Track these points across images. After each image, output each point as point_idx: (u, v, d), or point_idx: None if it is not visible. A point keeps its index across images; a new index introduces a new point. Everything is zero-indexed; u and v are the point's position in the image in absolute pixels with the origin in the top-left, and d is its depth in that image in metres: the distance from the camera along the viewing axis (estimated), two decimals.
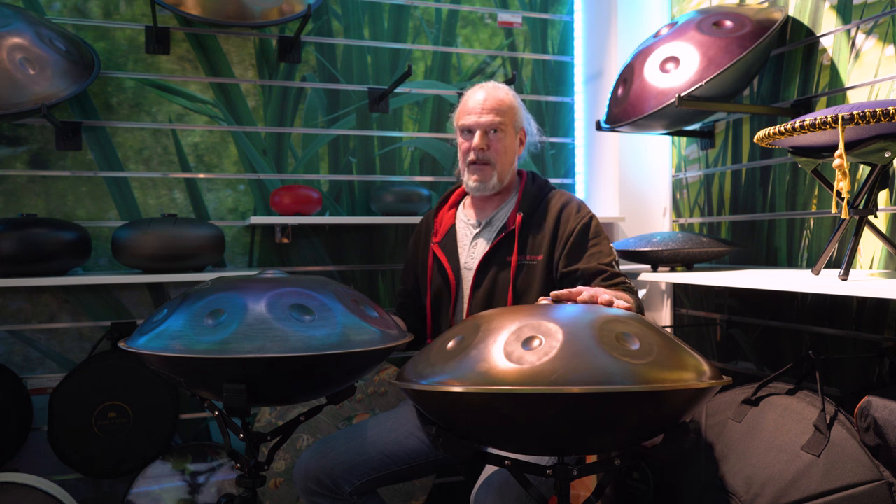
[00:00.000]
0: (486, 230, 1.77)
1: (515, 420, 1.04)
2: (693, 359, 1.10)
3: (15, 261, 1.82)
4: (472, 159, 1.72)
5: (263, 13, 2.13)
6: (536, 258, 1.69)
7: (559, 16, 2.66)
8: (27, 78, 1.84)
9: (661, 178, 2.49)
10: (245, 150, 2.30)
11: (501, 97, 1.73)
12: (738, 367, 2.15)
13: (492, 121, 1.70)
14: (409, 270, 1.91)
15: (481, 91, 1.74)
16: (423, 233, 1.89)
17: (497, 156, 1.71)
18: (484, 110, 1.71)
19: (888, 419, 1.37)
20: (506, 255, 1.70)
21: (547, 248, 1.69)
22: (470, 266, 1.75)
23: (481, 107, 1.71)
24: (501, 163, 1.72)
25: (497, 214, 1.78)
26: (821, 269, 1.52)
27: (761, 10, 1.91)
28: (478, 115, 1.71)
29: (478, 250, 1.75)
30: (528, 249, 1.70)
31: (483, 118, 1.70)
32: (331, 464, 1.59)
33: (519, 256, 1.69)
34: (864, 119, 1.24)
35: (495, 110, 1.71)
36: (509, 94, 1.76)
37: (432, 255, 1.81)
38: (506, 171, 1.74)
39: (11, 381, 2.00)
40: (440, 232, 1.83)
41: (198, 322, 1.22)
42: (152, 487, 2.06)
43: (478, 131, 1.71)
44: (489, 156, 1.71)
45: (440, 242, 1.81)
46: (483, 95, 1.73)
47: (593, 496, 1.19)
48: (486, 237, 1.76)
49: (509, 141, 1.73)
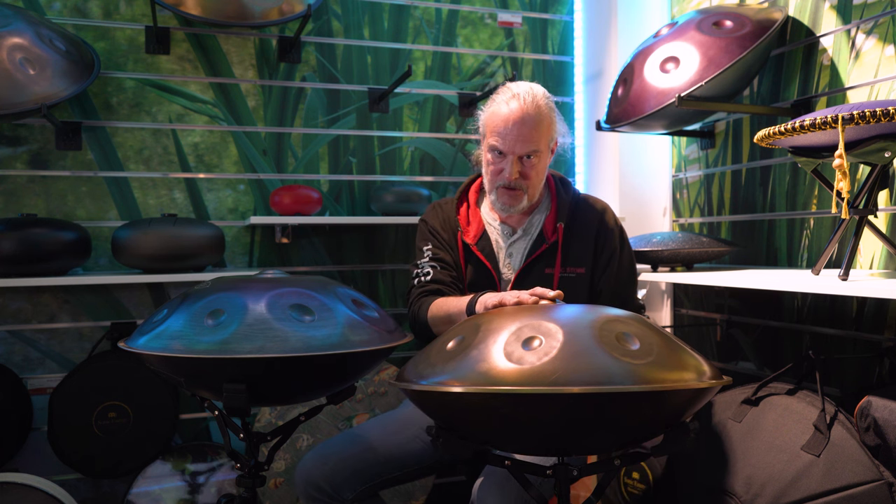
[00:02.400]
0: (521, 239, 1.69)
1: (515, 420, 1.04)
2: (693, 359, 1.10)
3: (15, 261, 1.82)
4: (502, 184, 1.62)
5: (263, 13, 2.13)
6: (578, 270, 1.65)
7: (559, 16, 2.66)
8: (27, 78, 1.84)
9: (661, 178, 2.49)
10: (245, 150, 2.30)
11: (539, 119, 1.58)
12: (738, 367, 2.15)
13: (528, 150, 1.58)
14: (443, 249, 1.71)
15: (517, 106, 1.57)
16: (450, 226, 1.73)
17: (530, 182, 1.62)
18: (520, 138, 1.57)
19: (888, 419, 1.37)
20: (545, 266, 1.65)
21: (591, 260, 1.66)
22: (507, 277, 1.68)
23: (518, 132, 1.56)
24: (534, 186, 1.64)
25: (531, 222, 1.70)
26: (821, 269, 1.52)
27: (761, 10, 1.91)
28: (513, 141, 1.57)
29: (515, 260, 1.68)
30: (570, 261, 1.65)
31: (518, 147, 1.57)
32: (332, 471, 1.56)
33: (562, 269, 1.65)
34: (864, 119, 1.24)
35: (532, 138, 1.57)
36: (545, 106, 1.60)
37: (465, 253, 1.70)
38: (536, 192, 1.66)
39: (11, 381, 2.00)
40: (472, 233, 1.70)
41: (198, 322, 1.22)
42: (152, 487, 2.06)
43: (510, 157, 1.59)
44: (522, 184, 1.62)
45: (477, 244, 1.70)
46: (520, 115, 1.56)
47: (593, 496, 1.19)
48: (521, 246, 1.69)
49: (543, 163, 1.63)
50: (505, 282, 1.68)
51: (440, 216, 1.76)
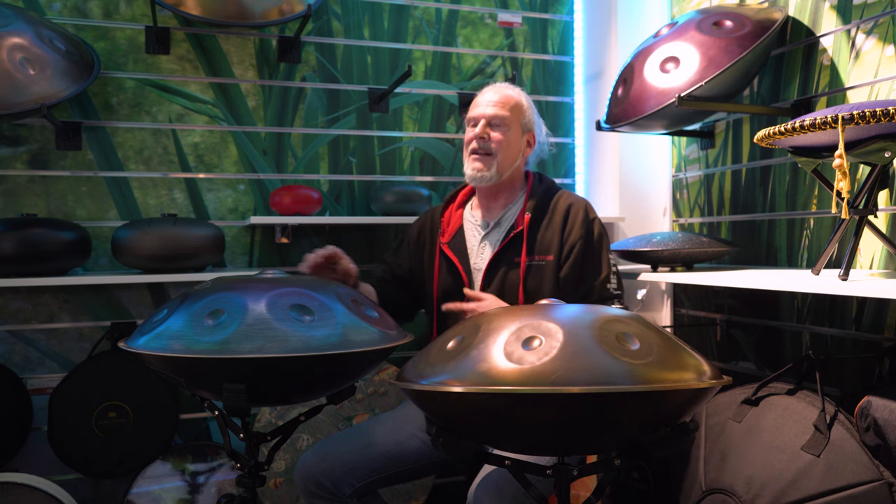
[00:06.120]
0: (494, 231, 1.77)
1: (516, 420, 1.04)
2: (693, 359, 1.10)
3: (15, 261, 1.81)
4: (473, 147, 1.74)
5: (263, 13, 2.13)
6: (546, 258, 1.70)
7: (559, 16, 2.66)
8: (27, 78, 1.84)
9: (661, 178, 2.49)
10: (245, 150, 2.30)
11: (510, 94, 1.77)
12: (738, 367, 2.15)
13: (496, 113, 1.74)
14: (406, 254, 1.90)
15: (490, 89, 1.80)
16: (428, 230, 1.88)
17: (498, 147, 1.73)
18: (490, 103, 1.75)
19: (888, 419, 1.37)
20: (514, 255, 1.71)
21: (556, 247, 1.70)
22: (479, 267, 1.75)
23: (488, 98, 1.77)
24: (503, 155, 1.73)
25: (505, 215, 1.78)
26: (821, 269, 1.52)
27: (761, 10, 1.91)
28: (483, 108, 1.75)
29: (487, 251, 1.76)
30: (536, 249, 1.71)
31: (488, 110, 1.74)
32: (331, 466, 1.59)
33: (528, 257, 1.70)
34: (864, 119, 1.24)
35: (501, 104, 1.75)
36: (521, 94, 1.80)
37: (440, 254, 1.81)
38: (506, 165, 1.74)
39: (11, 381, 2.00)
40: (448, 232, 1.83)
41: (198, 322, 1.22)
42: (152, 487, 2.06)
43: (481, 121, 1.74)
44: (490, 146, 1.73)
45: (449, 243, 1.81)
46: (492, 91, 1.78)
47: (593, 496, 1.19)
48: (494, 238, 1.77)
49: (513, 136, 1.75)
50: (476, 272, 1.76)
51: (426, 221, 1.90)
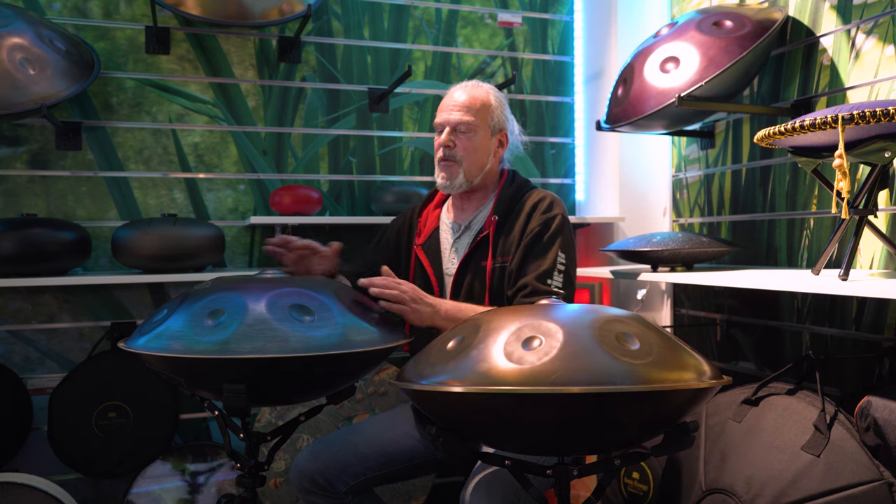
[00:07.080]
0: (465, 235, 1.74)
1: (515, 420, 1.04)
2: (693, 359, 1.10)
3: (15, 261, 1.82)
4: (439, 156, 1.69)
5: (263, 13, 2.13)
6: (507, 259, 1.65)
7: (559, 16, 2.66)
8: (27, 78, 1.84)
9: (661, 178, 2.49)
10: (245, 150, 2.30)
11: (476, 95, 1.69)
12: (738, 367, 2.15)
13: (460, 119, 1.66)
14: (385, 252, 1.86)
15: (458, 89, 1.72)
16: (405, 230, 1.85)
17: (464, 154, 1.67)
18: (454, 108, 1.68)
19: (888, 419, 1.37)
20: (481, 259, 1.67)
21: (515, 246, 1.65)
22: (450, 272, 1.73)
23: (453, 102, 1.69)
24: (469, 161, 1.68)
25: (476, 218, 1.74)
26: (821, 269, 1.52)
27: (761, 10, 1.91)
28: (448, 113, 1.68)
29: (457, 255, 1.73)
30: (499, 251, 1.66)
31: (452, 115, 1.67)
32: (325, 464, 1.60)
33: (493, 260, 1.66)
34: (864, 119, 1.24)
35: (466, 108, 1.67)
36: (489, 93, 1.72)
37: (415, 257, 1.78)
38: (475, 171, 1.69)
39: (11, 381, 2.00)
40: (423, 234, 1.80)
41: (198, 322, 1.22)
42: (152, 487, 2.06)
43: (446, 128, 1.68)
44: (455, 153, 1.67)
45: (423, 245, 1.78)
46: (457, 93, 1.70)
47: (593, 496, 1.19)
48: (464, 242, 1.73)
49: (479, 140, 1.68)
50: (447, 276, 1.74)
51: (404, 221, 1.87)
